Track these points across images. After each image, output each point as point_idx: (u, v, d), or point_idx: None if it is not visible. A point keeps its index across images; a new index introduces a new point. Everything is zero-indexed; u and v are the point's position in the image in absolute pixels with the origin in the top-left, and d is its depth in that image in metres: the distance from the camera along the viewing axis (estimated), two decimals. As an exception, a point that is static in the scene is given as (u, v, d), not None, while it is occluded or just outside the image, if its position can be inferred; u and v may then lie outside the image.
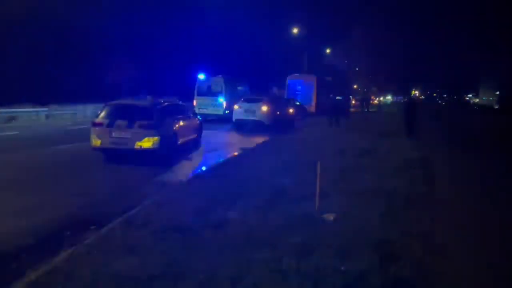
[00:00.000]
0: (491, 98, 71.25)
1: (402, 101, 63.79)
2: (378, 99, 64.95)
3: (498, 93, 65.93)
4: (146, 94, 10.58)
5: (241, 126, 16.68)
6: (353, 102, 41.34)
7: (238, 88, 22.89)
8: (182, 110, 11.35)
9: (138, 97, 10.37)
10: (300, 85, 28.09)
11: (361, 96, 48.91)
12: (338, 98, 24.27)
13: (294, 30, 39.28)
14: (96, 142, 8.93)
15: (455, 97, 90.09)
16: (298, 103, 24.56)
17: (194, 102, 20.55)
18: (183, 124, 10.66)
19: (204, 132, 12.80)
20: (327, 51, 48.33)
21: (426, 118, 22.84)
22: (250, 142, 12.82)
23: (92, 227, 4.75)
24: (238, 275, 3.44)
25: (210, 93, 20.48)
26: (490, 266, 3.85)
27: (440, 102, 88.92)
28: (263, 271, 3.53)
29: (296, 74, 29.66)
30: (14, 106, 19.17)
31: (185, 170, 8.70)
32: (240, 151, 11.14)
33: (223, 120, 19.46)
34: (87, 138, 9.15)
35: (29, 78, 24.43)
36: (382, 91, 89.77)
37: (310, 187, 5.71)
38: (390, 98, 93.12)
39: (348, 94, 36.10)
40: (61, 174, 7.88)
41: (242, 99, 17.84)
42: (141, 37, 32.14)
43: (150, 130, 8.82)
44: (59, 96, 22.12)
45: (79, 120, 20.29)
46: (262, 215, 5.06)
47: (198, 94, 20.67)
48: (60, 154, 10.09)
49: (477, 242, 4.46)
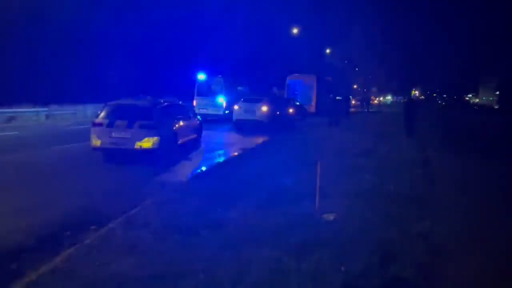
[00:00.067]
0: (491, 98, 71.29)
1: (402, 101, 63.80)
2: (378, 99, 64.99)
3: (498, 93, 65.95)
4: (146, 94, 10.54)
5: (241, 126, 16.68)
6: (353, 102, 41.37)
7: (238, 88, 22.89)
8: (182, 110, 11.34)
9: (138, 97, 10.34)
10: (300, 85, 28.08)
11: (361, 96, 48.95)
12: (338, 98, 24.30)
13: (294, 30, 39.30)
14: (96, 142, 8.93)
15: (455, 97, 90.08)
16: (298, 103, 24.57)
17: (194, 102, 20.54)
18: (183, 124, 10.66)
19: (204, 132, 12.80)
20: (327, 51, 48.34)
21: (426, 118, 22.83)
22: (250, 142, 12.83)
23: (92, 227, 4.75)
24: (238, 275, 3.44)
25: (210, 93, 20.47)
26: (490, 267, 3.85)
27: (440, 102, 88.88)
28: (263, 271, 3.53)
29: (296, 74, 29.65)
30: (14, 106, 19.15)
31: (185, 170, 8.70)
32: (240, 151, 11.15)
33: (223, 120, 19.45)
34: (87, 138, 9.15)
35: (29, 78, 24.43)
36: (382, 91, 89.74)
37: (310, 187, 5.71)
38: (390, 98, 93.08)
39: (348, 94, 36.13)
40: (61, 174, 7.88)
41: (242, 99, 17.84)
42: (141, 37, 32.15)
43: (150, 130, 8.82)
44: (59, 96, 22.10)
45: (79, 120, 20.29)
46: (262, 215, 5.06)
47: (198, 94, 20.67)
48: (60, 154, 10.09)
49: (476, 242, 4.46)
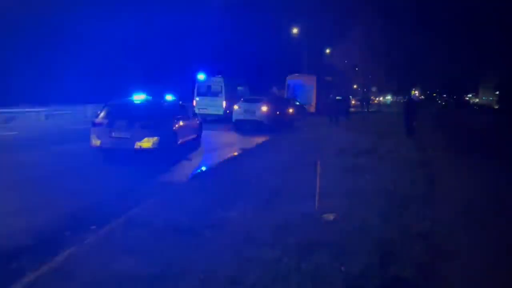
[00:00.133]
0: (491, 98, 71.23)
1: (401, 101, 63.80)
2: (378, 99, 64.99)
3: (497, 93, 65.92)
4: (146, 95, 10.53)
5: (241, 126, 16.68)
6: (353, 102, 41.38)
7: (238, 88, 22.89)
8: (182, 110, 11.35)
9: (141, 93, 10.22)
10: (300, 85, 28.08)
11: (361, 96, 48.97)
12: (338, 98, 24.30)
13: (294, 30, 39.28)
14: (96, 142, 8.93)
15: (455, 97, 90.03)
16: (298, 103, 24.57)
17: (194, 102, 20.54)
18: (183, 124, 10.66)
19: (204, 132, 12.80)
20: (327, 51, 48.33)
21: (426, 118, 22.84)
22: (250, 142, 12.83)
23: (92, 227, 4.75)
24: (238, 275, 3.45)
25: (210, 93, 20.48)
26: (489, 267, 3.85)
27: (440, 102, 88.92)
28: (263, 271, 3.53)
29: (296, 74, 29.65)
30: (13, 106, 19.15)
31: (185, 170, 8.70)
32: (240, 151, 11.15)
33: (223, 120, 19.45)
34: (87, 138, 9.15)
35: (29, 78, 24.41)
36: (382, 91, 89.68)
37: (310, 187, 5.71)
38: (390, 98, 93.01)
39: (348, 94, 36.13)
40: (60, 174, 7.87)
41: (242, 99, 17.85)
42: (141, 37, 32.14)
43: (149, 130, 8.82)
44: (59, 96, 22.10)
45: (79, 120, 20.28)
46: (262, 215, 5.06)
47: (198, 94, 20.67)
48: (59, 154, 10.08)
49: (477, 242, 4.46)
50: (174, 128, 10.02)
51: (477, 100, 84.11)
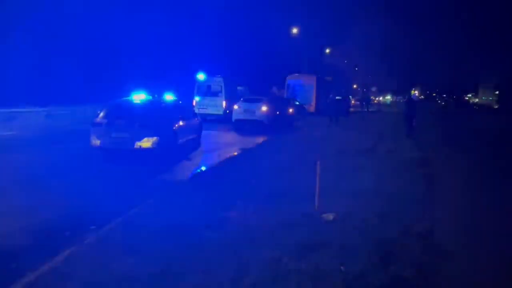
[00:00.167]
0: (491, 98, 71.20)
1: (401, 101, 63.83)
2: (377, 99, 65.03)
3: (497, 93, 65.90)
4: (146, 94, 10.52)
5: (240, 126, 16.67)
6: (352, 102, 41.40)
7: (238, 88, 22.88)
8: (182, 110, 11.34)
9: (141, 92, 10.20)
10: (300, 85, 28.07)
11: (360, 96, 49.00)
12: (338, 98, 24.30)
13: (294, 30, 39.28)
14: (95, 142, 8.92)
15: (454, 96, 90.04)
16: (298, 103, 24.56)
17: (194, 102, 20.54)
18: (183, 124, 10.65)
19: (204, 132, 12.79)
20: (327, 51, 48.36)
21: (426, 118, 22.84)
22: (249, 142, 12.82)
23: (92, 227, 4.75)
24: (238, 275, 3.45)
25: (209, 93, 20.47)
26: (491, 267, 3.85)
27: (439, 101, 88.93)
28: (263, 271, 3.53)
29: (296, 74, 29.64)
30: (13, 106, 19.14)
31: (184, 170, 8.70)
32: (239, 151, 11.14)
33: (223, 120, 19.44)
34: (87, 138, 9.14)
35: (28, 78, 24.40)
36: (382, 91, 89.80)
37: (309, 187, 5.72)
38: (390, 98, 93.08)
39: (348, 94, 36.15)
40: (60, 174, 7.87)
41: (241, 99, 17.84)
42: (140, 37, 32.13)
43: (149, 130, 8.81)
44: (59, 96, 22.10)
45: (79, 120, 20.26)
46: (262, 215, 5.07)
47: (198, 94, 20.67)
48: (59, 154, 10.07)
49: (476, 242, 4.46)
50: (174, 128, 10.01)
51: (476, 100, 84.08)
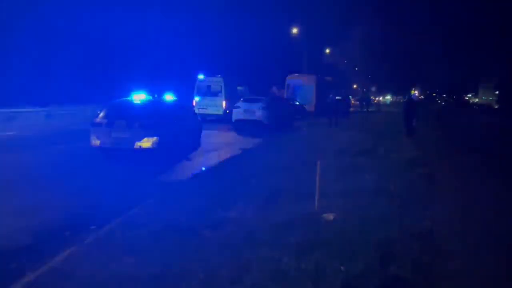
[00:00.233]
0: (491, 98, 71.25)
1: (401, 101, 63.82)
2: (377, 99, 65.04)
3: (497, 92, 65.91)
4: (146, 94, 10.51)
5: (240, 126, 16.67)
6: (352, 102, 41.39)
7: (238, 88, 22.89)
8: (182, 110, 11.34)
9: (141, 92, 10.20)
10: (300, 85, 28.04)
11: (360, 96, 49.00)
12: (338, 98, 24.26)
13: (294, 30, 39.27)
14: (95, 142, 8.92)
15: (454, 96, 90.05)
16: (298, 103, 24.55)
17: (194, 102, 20.54)
18: (183, 124, 10.65)
19: (203, 132, 12.79)
20: (327, 51, 48.34)
21: (426, 118, 22.84)
22: (249, 142, 12.83)
23: (92, 227, 4.75)
24: (238, 275, 3.45)
25: (209, 93, 20.47)
26: (495, 266, 3.85)
27: (439, 101, 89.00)
28: (263, 271, 3.53)
29: (296, 74, 29.62)
30: (13, 106, 19.14)
31: (184, 170, 8.70)
32: (239, 151, 11.14)
33: (223, 120, 19.44)
34: (87, 138, 9.14)
35: (29, 78, 24.41)
36: (382, 91, 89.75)
37: (309, 187, 5.72)
38: (390, 98, 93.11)
39: (348, 94, 36.12)
40: (60, 174, 7.87)
41: (241, 99, 17.84)
42: (140, 37, 32.14)
43: (149, 130, 8.81)
44: (59, 96, 22.10)
45: (79, 120, 20.26)
46: (261, 215, 5.07)
47: (198, 94, 20.67)
48: (59, 154, 10.07)
49: (476, 242, 4.46)
50: (174, 128, 10.01)
51: (476, 100, 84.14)
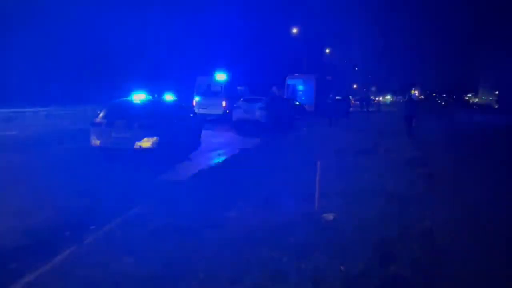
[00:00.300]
0: (491, 98, 71.20)
1: (401, 100, 63.81)
2: (377, 99, 65.05)
3: (497, 92, 65.88)
4: (146, 94, 10.51)
5: (240, 126, 16.66)
6: (352, 102, 41.39)
7: (238, 88, 22.89)
8: (182, 110, 11.34)
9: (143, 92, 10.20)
10: (299, 85, 28.04)
11: (360, 96, 48.99)
12: (338, 98, 24.28)
13: (294, 30, 39.29)
14: (95, 142, 8.92)
15: (454, 96, 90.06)
16: (297, 103, 24.53)
17: (194, 102, 20.54)
18: (183, 124, 10.65)
19: (203, 132, 12.79)
20: (327, 51, 48.36)
21: (426, 118, 22.84)
22: (249, 142, 12.82)
23: (92, 227, 4.75)
24: (238, 275, 3.45)
25: (209, 93, 20.47)
26: (485, 264, 3.85)
27: (439, 101, 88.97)
28: (263, 271, 3.53)
29: (296, 74, 29.62)
30: (13, 106, 19.15)
31: (184, 170, 8.69)
32: (239, 151, 11.14)
33: (223, 120, 19.43)
34: (87, 138, 9.14)
35: (29, 78, 24.41)
36: (382, 91, 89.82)
37: (309, 187, 5.72)
38: (390, 98, 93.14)
39: (348, 94, 36.13)
40: (60, 174, 7.87)
41: (241, 99, 17.84)
42: (140, 37, 32.14)
43: (149, 130, 8.81)
44: (59, 96, 22.11)
45: (79, 120, 20.25)
46: (261, 215, 5.06)
47: (198, 94, 20.67)
48: (59, 154, 10.07)
49: (476, 242, 4.46)
50: (174, 128, 10.01)
51: (476, 100, 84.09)
